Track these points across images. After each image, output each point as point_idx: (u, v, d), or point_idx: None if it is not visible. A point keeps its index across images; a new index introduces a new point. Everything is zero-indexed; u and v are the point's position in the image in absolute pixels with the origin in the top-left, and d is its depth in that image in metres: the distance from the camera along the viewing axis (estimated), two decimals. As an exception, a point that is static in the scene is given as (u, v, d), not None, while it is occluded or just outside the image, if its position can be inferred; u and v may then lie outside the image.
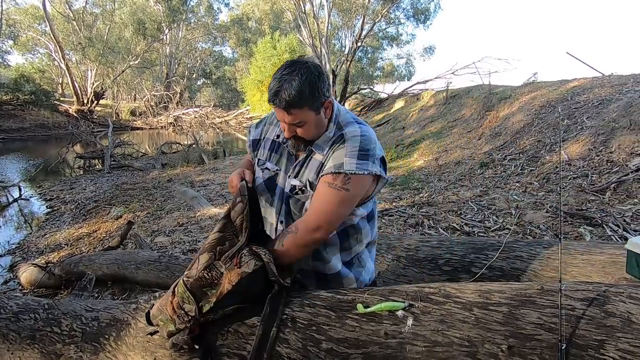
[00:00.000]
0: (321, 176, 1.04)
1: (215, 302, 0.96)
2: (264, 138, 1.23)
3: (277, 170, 1.16)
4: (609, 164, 3.59)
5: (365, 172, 1.00)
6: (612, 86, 5.55)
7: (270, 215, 1.17)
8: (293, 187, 1.10)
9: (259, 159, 1.21)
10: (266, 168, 1.18)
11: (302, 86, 0.96)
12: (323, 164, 1.06)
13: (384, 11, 20.95)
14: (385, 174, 1.07)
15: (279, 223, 1.15)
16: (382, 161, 1.08)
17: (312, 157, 1.09)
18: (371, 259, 1.28)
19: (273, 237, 1.15)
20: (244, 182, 1.06)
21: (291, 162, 1.14)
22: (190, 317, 0.96)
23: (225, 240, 1.00)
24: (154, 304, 1.08)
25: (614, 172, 3.41)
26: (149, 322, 1.05)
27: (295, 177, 1.11)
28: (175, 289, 1.00)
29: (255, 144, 1.24)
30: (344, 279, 1.17)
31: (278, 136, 1.18)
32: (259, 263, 0.96)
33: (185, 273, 1.01)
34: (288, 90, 0.96)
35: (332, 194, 1.00)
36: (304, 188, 1.08)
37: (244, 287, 0.96)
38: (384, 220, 3.37)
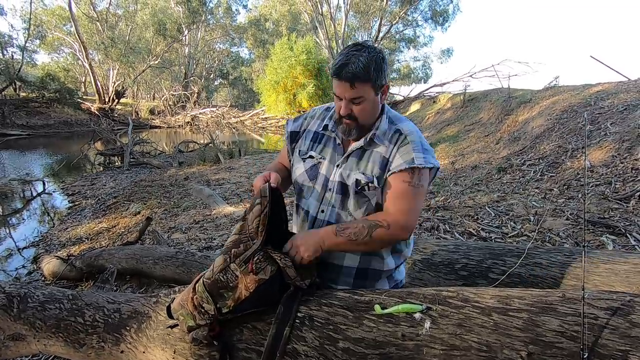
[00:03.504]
0: (392, 173, 1.04)
1: (233, 307, 0.97)
2: (304, 130, 1.23)
3: (321, 158, 1.15)
4: (633, 171, 3.48)
5: (430, 165, 1.03)
6: (639, 91, 5.38)
7: (310, 206, 1.15)
8: (358, 182, 1.07)
9: (299, 150, 1.21)
10: (310, 156, 1.17)
11: (369, 63, 0.98)
12: (388, 159, 1.06)
13: (401, 13, 20.86)
14: None
15: (319, 212, 1.13)
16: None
17: (373, 150, 1.08)
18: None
19: (307, 228, 1.15)
20: (266, 184, 1.02)
21: (338, 151, 1.13)
22: (210, 316, 0.99)
23: (240, 243, 0.99)
24: (174, 298, 1.11)
25: (639, 180, 3.30)
26: (170, 316, 1.08)
27: (353, 170, 1.09)
28: (196, 286, 1.02)
29: (294, 136, 1.24)
30: (393, 276, 1.18)
31: (326, 127, 1.16)
32: (274, 268, 0.97)
33: (205, 273, 1.02)
34: (355, 64, 0.97)
35: (413, 192, 1.02)
36: (370, 184, 1.06)
37: (261, 293, 0.97)
38: (398, 223, 3.35)
